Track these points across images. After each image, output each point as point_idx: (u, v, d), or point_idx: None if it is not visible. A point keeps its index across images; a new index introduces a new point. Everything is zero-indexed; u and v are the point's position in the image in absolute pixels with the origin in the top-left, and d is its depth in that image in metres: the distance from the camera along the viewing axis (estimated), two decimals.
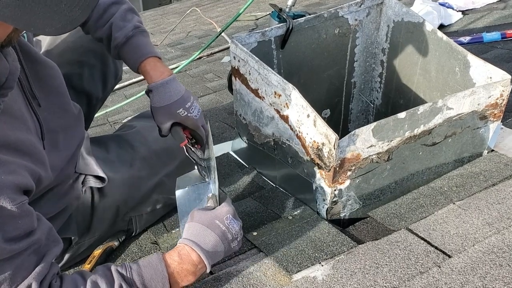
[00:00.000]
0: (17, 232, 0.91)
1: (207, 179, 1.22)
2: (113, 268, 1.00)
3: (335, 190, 1.26)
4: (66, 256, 1.28)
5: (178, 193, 1.25)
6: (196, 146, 1.31)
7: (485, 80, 1.40)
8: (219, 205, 1.14)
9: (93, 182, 1.29)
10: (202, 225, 1.07)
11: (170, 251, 1.06)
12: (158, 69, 1.26)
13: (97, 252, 1.30)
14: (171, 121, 1.26)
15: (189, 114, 1.25)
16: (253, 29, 3.85)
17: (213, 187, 1.21)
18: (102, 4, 1.26)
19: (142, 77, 3.25)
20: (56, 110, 1.19)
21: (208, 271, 1.07)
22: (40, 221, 0.99)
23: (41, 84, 1.15)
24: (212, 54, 3.43)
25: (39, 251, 0.97)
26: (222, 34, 3.21)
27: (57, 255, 1.02)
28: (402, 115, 1.22)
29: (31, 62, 1.14)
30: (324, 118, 1.77)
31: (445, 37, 1.51)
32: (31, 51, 1.15)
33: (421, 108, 1.24)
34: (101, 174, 1.29)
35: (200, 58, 3.36)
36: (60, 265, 1.26)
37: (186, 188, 1.26)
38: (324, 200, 1.30)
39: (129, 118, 2.13)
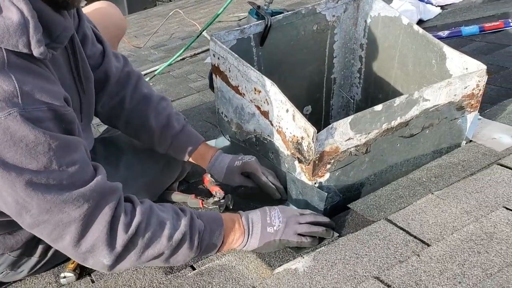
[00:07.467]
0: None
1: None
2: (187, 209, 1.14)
3: (315, 183, 1.27)
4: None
5: None
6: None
7: (461, 71, 1.42)
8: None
9: None
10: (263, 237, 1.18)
11: (230, 221, 1.19)
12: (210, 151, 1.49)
13: None
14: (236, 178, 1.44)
15: (245, 160, 1.43)
16: None
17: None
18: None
19: None
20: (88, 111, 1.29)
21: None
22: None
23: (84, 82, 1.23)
24: (195, 54, 3.43)
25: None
26: (205, 34, 3.22)
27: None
28: (378, 107, 1.23)
29: (81, 60, 1.20)
30: (305, 115, 1.78)
31: (421, 30, 1.53)
32: (81, 51, 1.20)
33: (397, 100, 1.25)
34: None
35: (183, 59, 3.36)
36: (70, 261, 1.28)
37: None
38: None
39: None
